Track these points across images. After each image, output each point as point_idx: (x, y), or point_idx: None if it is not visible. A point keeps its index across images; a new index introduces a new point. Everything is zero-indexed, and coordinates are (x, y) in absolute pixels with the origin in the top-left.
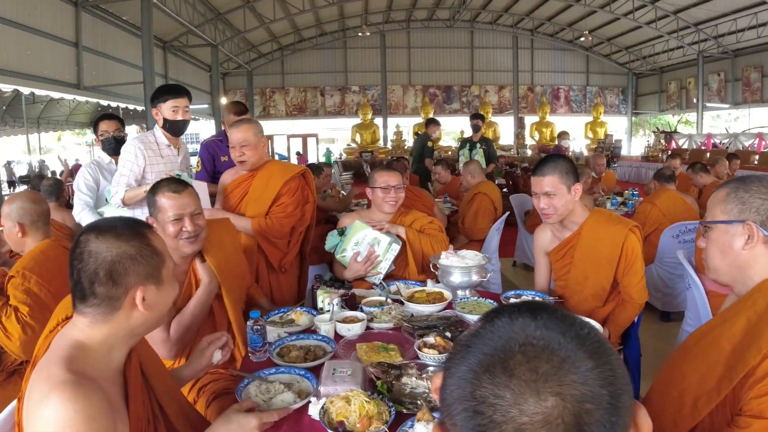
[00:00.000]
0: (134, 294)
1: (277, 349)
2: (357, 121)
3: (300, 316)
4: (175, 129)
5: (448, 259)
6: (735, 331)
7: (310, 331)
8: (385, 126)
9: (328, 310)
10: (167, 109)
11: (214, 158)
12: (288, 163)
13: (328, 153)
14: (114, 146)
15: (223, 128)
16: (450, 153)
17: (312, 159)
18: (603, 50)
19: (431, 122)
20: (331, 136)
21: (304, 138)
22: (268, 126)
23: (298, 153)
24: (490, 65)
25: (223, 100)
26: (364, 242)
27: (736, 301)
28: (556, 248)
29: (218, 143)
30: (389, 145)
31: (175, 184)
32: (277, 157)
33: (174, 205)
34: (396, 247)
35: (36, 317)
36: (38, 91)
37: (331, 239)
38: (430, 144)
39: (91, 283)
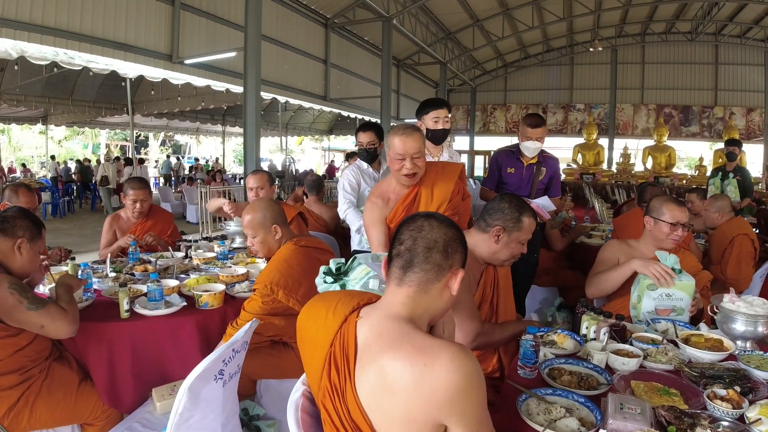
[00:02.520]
0: (455, 272)
1: (547, 369)
2: (579, 140)
3: (564, 340)
4: (435, 137)
5: (734, 303)
6: None
7: (577, 356)
8: (610, 147)
9: (593, 338)
10: (429, 120)
11: (501, 168)
12: (439, 162)
13: None
14: (365, 156)
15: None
16: (684, 182)
17: None
18: None
19: None
20: None
21: None
22: (486, 142)
23: None
24: (737, 84)
25: None
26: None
27: None
28: None
29: (509, 154)
30: (614, 168)
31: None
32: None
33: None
34: (683, 319)
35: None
36: (292, 100)
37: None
38: None
39: (428, 249)
